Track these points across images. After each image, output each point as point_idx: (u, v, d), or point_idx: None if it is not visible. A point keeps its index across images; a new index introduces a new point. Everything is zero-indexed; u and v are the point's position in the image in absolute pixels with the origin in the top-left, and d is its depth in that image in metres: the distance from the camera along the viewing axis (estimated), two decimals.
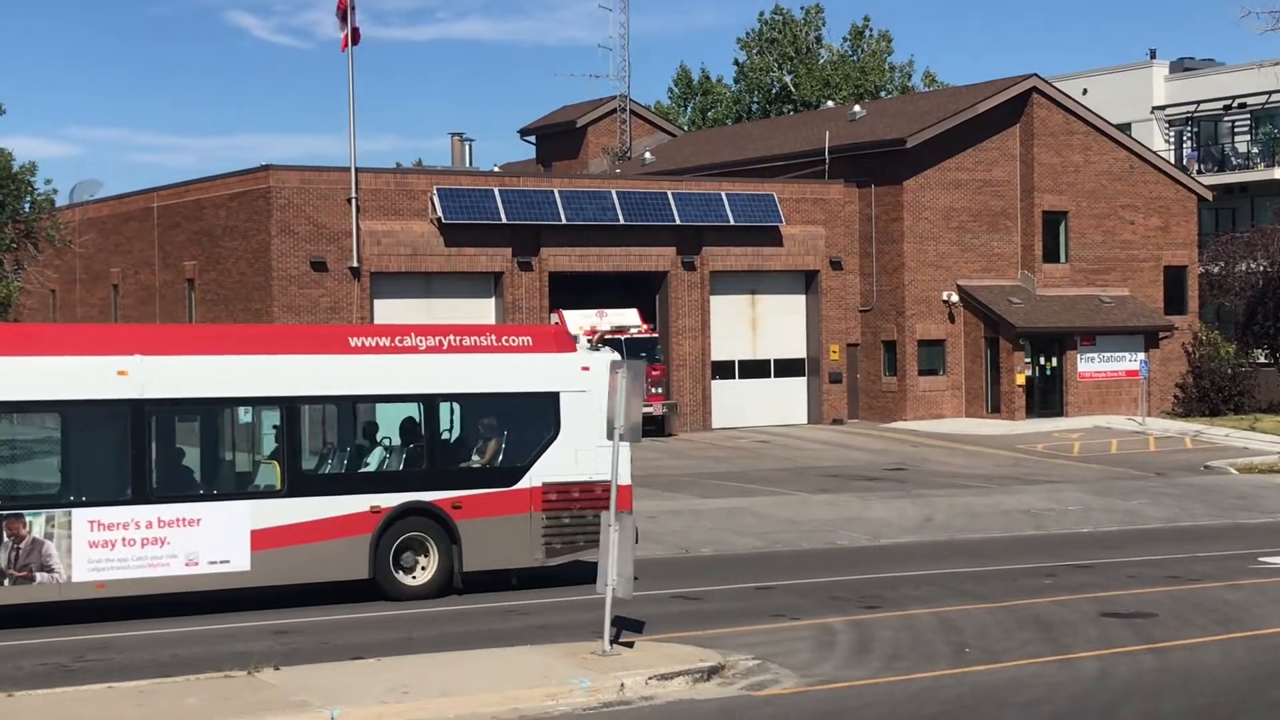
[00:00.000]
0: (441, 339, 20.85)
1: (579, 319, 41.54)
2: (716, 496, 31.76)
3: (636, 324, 42.49)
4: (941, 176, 47.33)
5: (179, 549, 19.07)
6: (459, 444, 21.17)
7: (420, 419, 20.69)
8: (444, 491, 20.37)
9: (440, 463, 20.64)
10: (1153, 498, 32.00)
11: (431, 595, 20.17)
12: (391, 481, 20.41)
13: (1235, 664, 16.48)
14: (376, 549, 19.99)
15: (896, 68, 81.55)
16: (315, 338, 21.26)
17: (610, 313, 42.48)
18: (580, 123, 61.98)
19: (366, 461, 20.60)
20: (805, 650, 17.13)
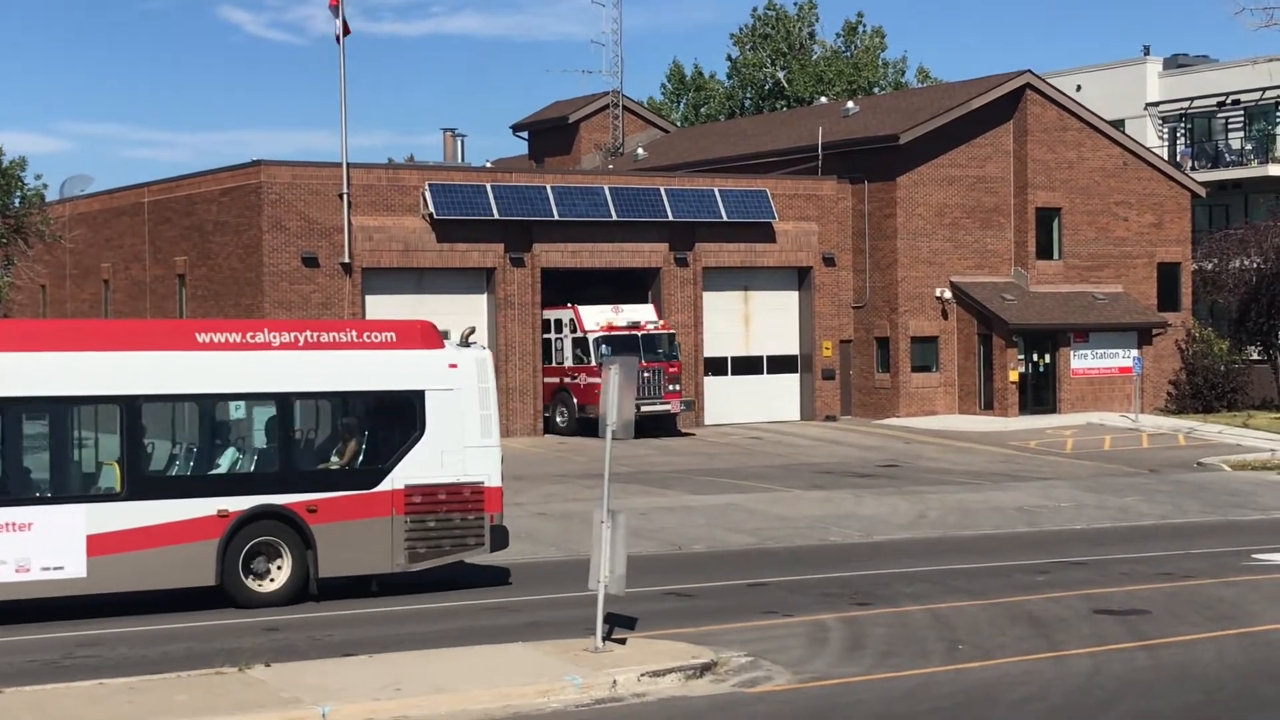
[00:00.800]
0: (297, 335, 20.11)
1: (594, 314, 41.40)
2: (709, 493, 31.76)
3: (653, 319, 42.06)
4: (935, 173, 47.34)
5: (8, 555, 18.27)
6: (315, 445, 20.52)
7: (274, 418, 19.91)
8: (299, 494, 19.63)
9: (295, 464, 19.93)
10: (1146, 494, 32.03)
11: (285, 602, 19.45)
12: (241, 484, 19.59)
13: (1228, 661, 16.49)
14: (224, 554, 19.21)
15: (890, 64, 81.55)
16: (160, 333, 20.31)
17: (625, 308, 42.20)
18: (573, 118, 61.91)
19: (216, 463, 19.80)
20: (798, 647, 17.13)
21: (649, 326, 41.42)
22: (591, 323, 41.29)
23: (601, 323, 41.09)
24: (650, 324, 41.59)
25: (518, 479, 33.81)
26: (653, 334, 41.30)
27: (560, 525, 27.15)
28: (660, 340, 41.47)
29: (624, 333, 40.78)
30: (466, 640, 17.23)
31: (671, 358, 41.68)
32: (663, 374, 41.12)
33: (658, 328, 41.66)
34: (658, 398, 40.89)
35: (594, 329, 41.11)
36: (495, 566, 22.06)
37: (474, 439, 20.38)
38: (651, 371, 40.54)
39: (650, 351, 40.91)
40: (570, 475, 34.45)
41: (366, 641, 17.26)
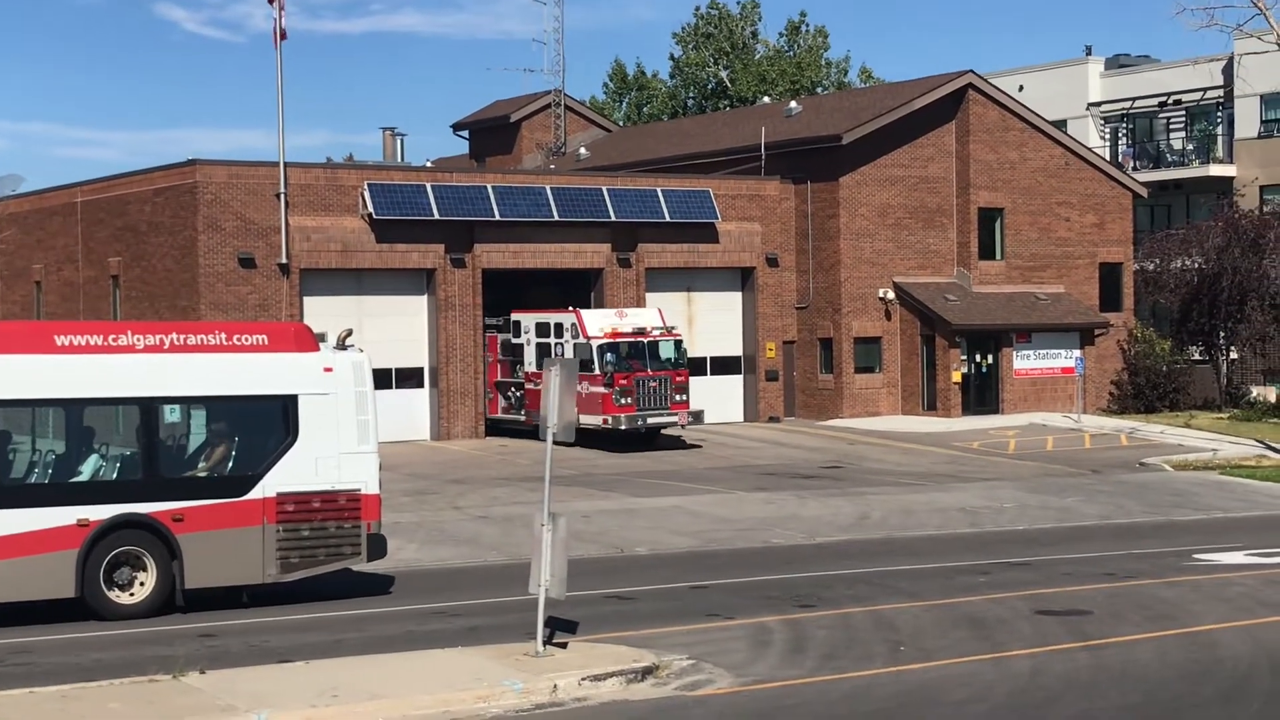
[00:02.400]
0: (163, 337, 19.58)
1: (597, 319, 39.83)
2: (651, 495, 31.79)
3: (658, 324, 40.22)
4: (878, 173, 47.58)
5: None
6: (182, 451, 20.08)
7: (137, 424, 19.42)
8: (164, 503, 19.18)
9: (160, 472, 19.48)
10: (1088, 495, 32.30)
11: (149, 614, 18.98)
12: (103, 492, 19.07)
13: (1169, 661, 16.66)
14: (84, 565, 18.73)
15: (833, 64, 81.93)
16: (18, 335, 19.62)
17: (630, 312, 40.86)
18: (514, 118, 61.81)
19: (77, 471, 19.27)
20: (740, 650, 17.18)
21: (655, 332, 39.75)
22: (595, 328, 39.42)
23: (606, 328, 39.39)
24: (656, 330, 39.89)
25: (459, 482, 33.76)
26: (659, 340, 39.66)
27: (502, 528, 27.10)
28: (666, 347, 39.77)
29: (630, 339, 39.23)
30: (406, 645, 17.17)
31: (679, 365, 39.88)
32: (669, 383, 39.37)
33: (664, 334, 39.94)
34: (664, 408, 39.26)
35: (598, 335, 39.22)
36: (378, 575, 21.76)
37: (350, 445, 19.96)
38: (658, 380, 39.13)
39: (656, 359, 39.45)
40: (513, 478, 34.40)
41: (304, 647, 17.17)
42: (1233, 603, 20.04)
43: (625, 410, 38.55)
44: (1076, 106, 64.21)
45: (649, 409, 38.81)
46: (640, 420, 38.83)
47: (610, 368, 38.61)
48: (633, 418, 38.66)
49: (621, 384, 38.59)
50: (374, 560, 20.52)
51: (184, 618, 19.13)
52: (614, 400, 38.50)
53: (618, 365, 38.76)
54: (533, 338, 41.13)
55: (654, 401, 38.99)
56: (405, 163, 59.27)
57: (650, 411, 38.90)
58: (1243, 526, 28.46)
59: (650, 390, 38.86)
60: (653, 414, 38.97)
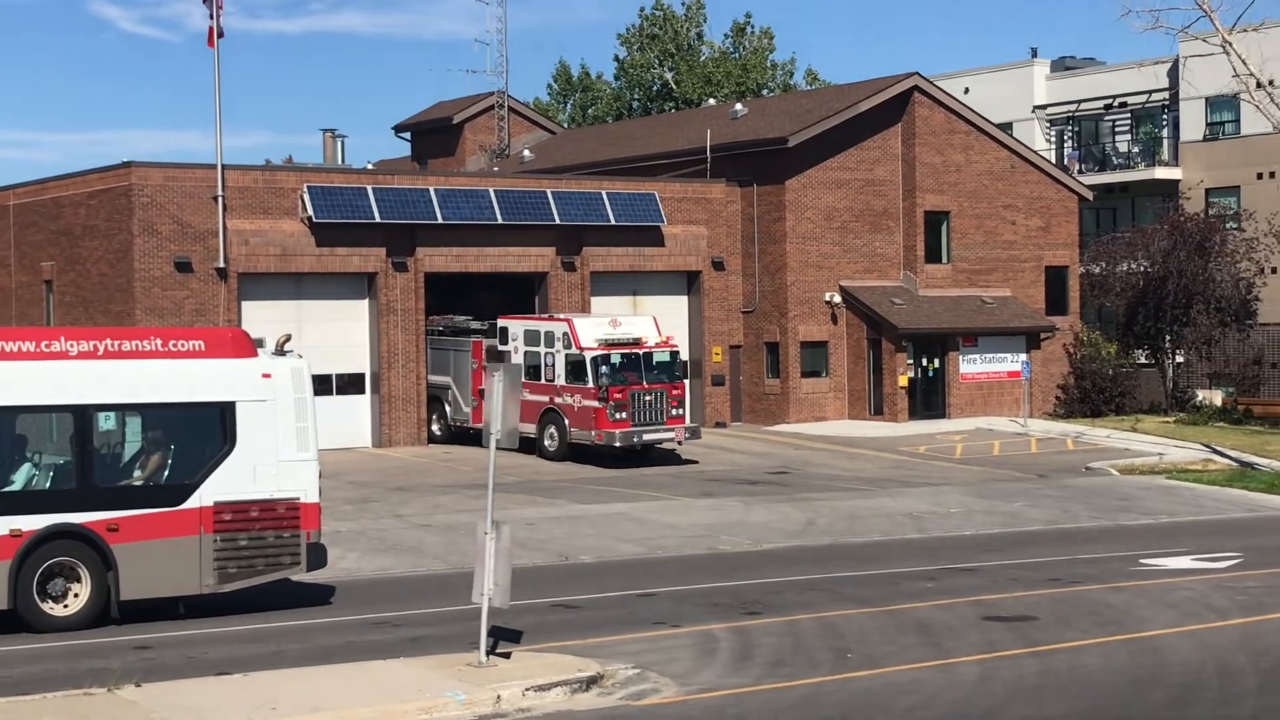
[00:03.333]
0: (97, 343, 19.34)
1: (590, 328, 38.11)
2: (597, 502, 31.78)
3: (654, 334, 38.46)
4: (824, 176, 47.77)
5: None
6: (117, 460, 19.89)
7: (71, 432, 19.24)
8: (98, 512, 19.01)
9: (94, 481, 19.26)
10: (1034, 500, 32.52)
11: (84, 626, 18.84)
12: (35, 502, 18.92)
13: (1116, 666, 16.79)
14: (17, 576, 18.55)
15: (778, 65, 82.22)
16: None
17: (625, 320, 39.17)
18: (457, 119, 61.67)
19: (9, 480, 19.05)
20: (686, 658, 17.19)
21: (650, 343, 38.13)
22: (589, 338, 37.70)
23: (600, 338, 37.69)
24: (652, 340, 38.26)
25: (401, 490, 33.64)
26: (655, 352, 38.01)
27: (445, 537, 27.02)
28: (663, 359, 38.18)
29: (626, 350, 37.58)
30: (347, 657, 17.09)
31: (675, 378, 38.46)
32: (665, 397, 37.75)
33: (660, 344, 38.31)
34: (659, 423, 37.66)
35: (592, 346, 37.51)
36: (319, 585, 21.65)
37: (289, 453, 19.86)
38: (653, 394, 37.51)
39: (651, 371, 37.85)
40: (456, 485, 34.31)
41: (243, 659, 17.06)
42: (1179, 608, 20.23)
43: (620, 426, 37.06)
44: (1022, 109, 64.70)
45: (644, 424, 37.38)
46: (636, 437, 37.38)
47: (605, 380, 37.12)
48: (628, 434, 37.18)
49: (616, 398, 37.05)
50: (314, 570, 20.41)
51: (119, 629, 18.97)
52: (608, 415, 37.01)
53: (612, 378, 37.27)
54: (521, 345, 39.36)
55: (650, 416, 37.50)
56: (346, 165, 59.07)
57: (646, 427, 37.46)
58: (1189, 531, 28.72)
59: (646, 404, 37.39)
60: (649, 430, 37.53)
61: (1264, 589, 21.68)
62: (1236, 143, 57.96)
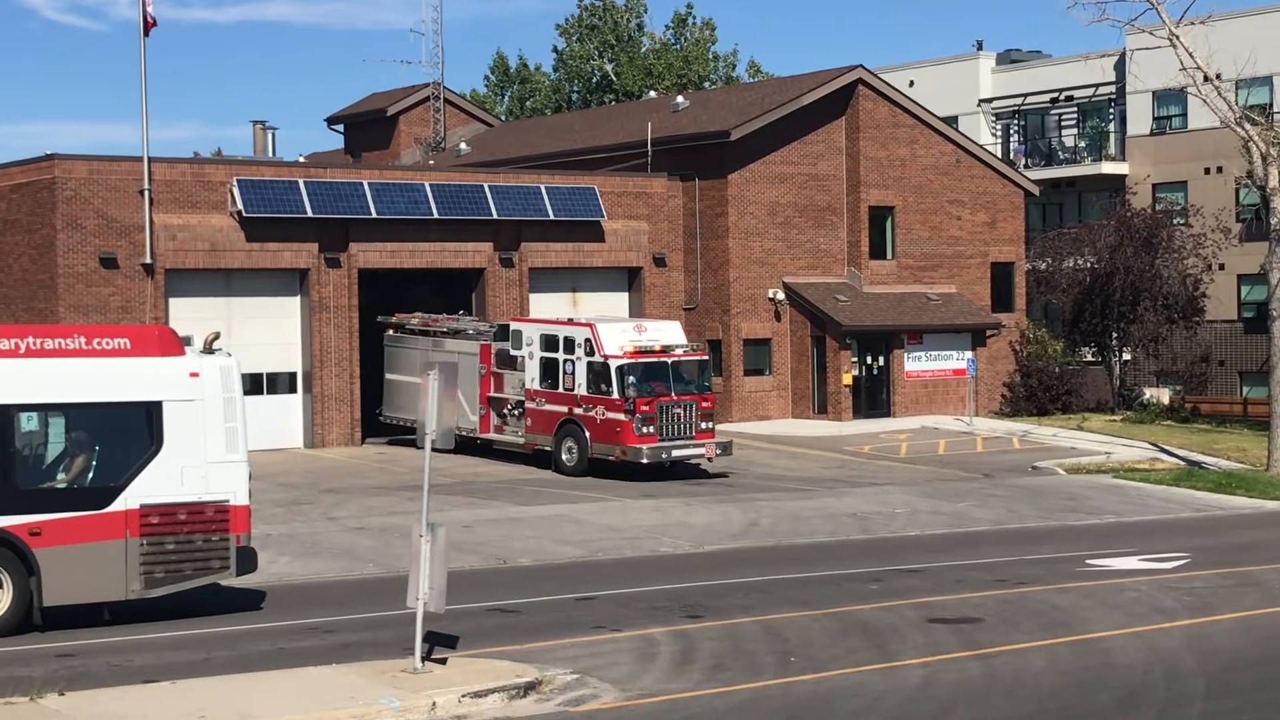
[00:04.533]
0: (18, 341, 19.09)
1: (615, 334, 36.00)
2: (536, 504, 31.75)
3: (681, 341, 36.72)
4: (767, 170, 47.90)
5: None
6: (39, 461, 19.69)
7: None
8: (20, 516, 18.76)
9: (15, 483, 19.00)
10: (980, 499, 32.74)
11: (5, 634, 18.56)
12: None
13: (1061, 669, 16.93)
14: None
15: (720, 57, 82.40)
16: None
17: (649, 326, 37.05)
18: (391, 111, 61.45)
19: None
20: (626, 663, 17.21)
21: (679, 351, 36.24)
22: (613, 345, 35.60)
23: (625, 345, 35.59)
24: (680, 348, 36.34)
25: (334, 492, 33.50)
26: (683, 361, 36.16)
27: (379, 540, 26.92)
28: (692, 368, 36.25)
29: (654, 359, 35.60)
30: (278, 663, 17.00)
31: (704, 389, 36.46)
32: (695, 409, 35.75)
33: (688, 353, 36.43)
34: (689, 438, 35.63)
35: (616, 354, 35.44)
36: (249, 589, 21.54)
37: (218, 454, 19.73)
38: (682, 406, 35.55)
39: (680, 381, 35.95)
40: (390, 487, 34.19)
41: (171, 666, 16.94)
42: (1126, 609, 20.42)
43: (647, 440, 35.04)
44: (968, 102, 65.14)
45: (673, 439, 35.37)
46: (665, 453, 35.35)
47: (633, 391, 35.17)
48: (656, 449, 35.11)
49: (644, 410, 35.09)
50: (244, 574, 20.30)
51: (42, 637, 18.79)
52: (635, 429, 34.98)
53: (639, 388, 35.29)
54: (537, 351, 37.21)
55: (678, 430, 35.48)
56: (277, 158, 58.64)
57: (674, 442, 35.42)
58: (1136, 531, 29.02)
59: (674, 417, 35.43)
60: (677, 445, 35.49)
61: (1211, 590, 21.93)
62: (1184, 137, 58.56)
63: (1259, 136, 37.50)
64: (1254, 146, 37.55)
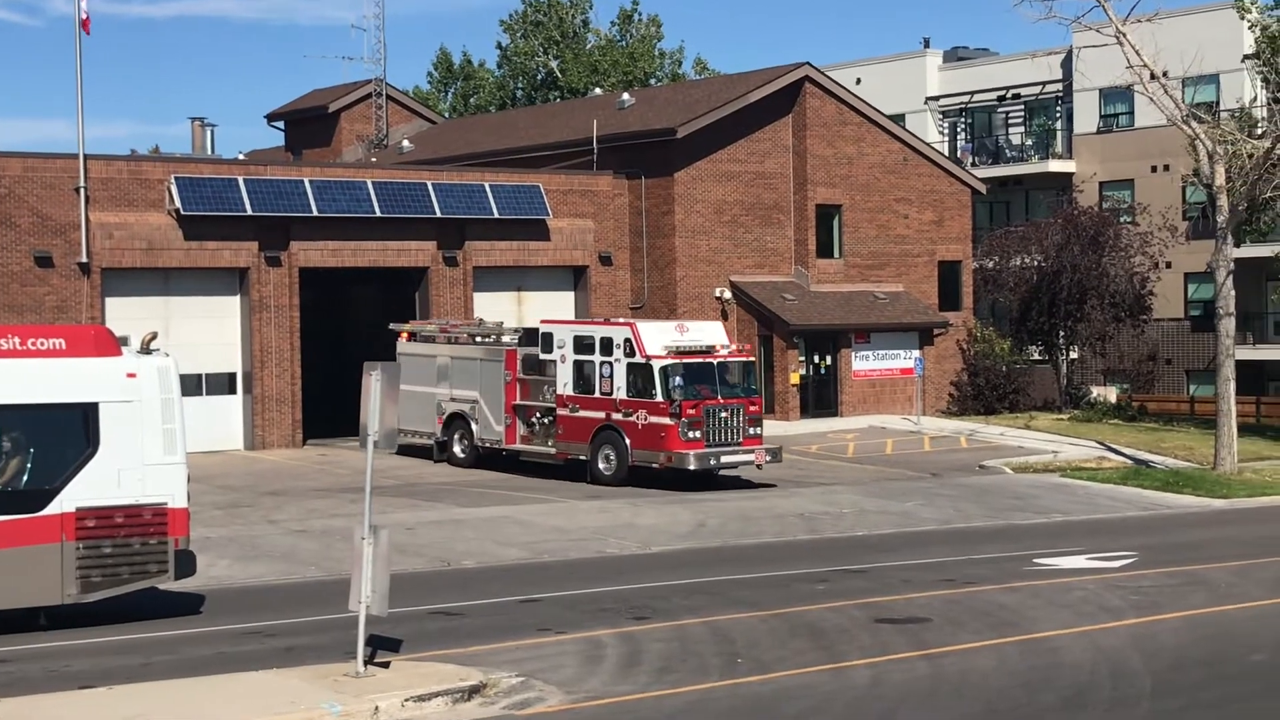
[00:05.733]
0: None
1: (655, 334, 34.48)
2: (480, 505, 31.70)
3: (724, 341, 35.21)
4: (713, 168, 47.98)
5: None
6: None
7: None
8: None
9: None
10: (928, 499, 32.91)
11: None
12: None
13: (1009, 669, 17.06)
14: None
15: (667, 54, 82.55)
16: None
17: (691, 326, 35.58)
18: (333, 108, 61.22)
19: None
20: (572, 665, 17.22)
21: (723, 351, 34.65)
22: (656, 345, 34.00)
23: (669, 345, 34.09)
24: (724, 348, 34.81)
25: (275, 494, 33.35)
26: (729, 362, 34.57)
27: (320, 542, 26.81)
28: (737, 370, 34.69)
29: (698, 359, 34.05)
30: (218, 668, 16.92)
31: (751, 392, 34.90)
32: (742, 414, 34.19)
33: (732, 353, 34.94)
34: (736, 444, 34.09)
35: (659, 354, 33.88)
36: (188, 594, 21.41)
37: (156, 456, 19.57)
38: (729, 410, 33.98)
39: (725, 384, 34.36)
40: (333, 489, 34.07)
41: (108, 672, 16.83)
42: (1073, 608, 20.59)
43: (694, 446, 33.38)
44: (915, 100, 65.48)
45: (720, 444, 33.79)
46: (713, 458, 33.77)
47: (679, 394, 33.60)
48: (703, 455, 33.51)
49: (690, 414, 33.49)
50: (182, 578, 20.17)
51: None
52: (680, 433, 33.38)
53: (685, 391, 33.72)
54: (569, 354, 35.45)
55: (726, 435, 33.95)
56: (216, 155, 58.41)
57: (723, 448, 33.82)
58: (1083, 530, 29.25)
59: (721, 421, 33.84)
60: (726, 450, 33.90)
61: (1158, 589, 22.14)
62: (1130, 135, 59.08)
63: (1205, 134, 37.87)
64: (1200, 144, 37.90)
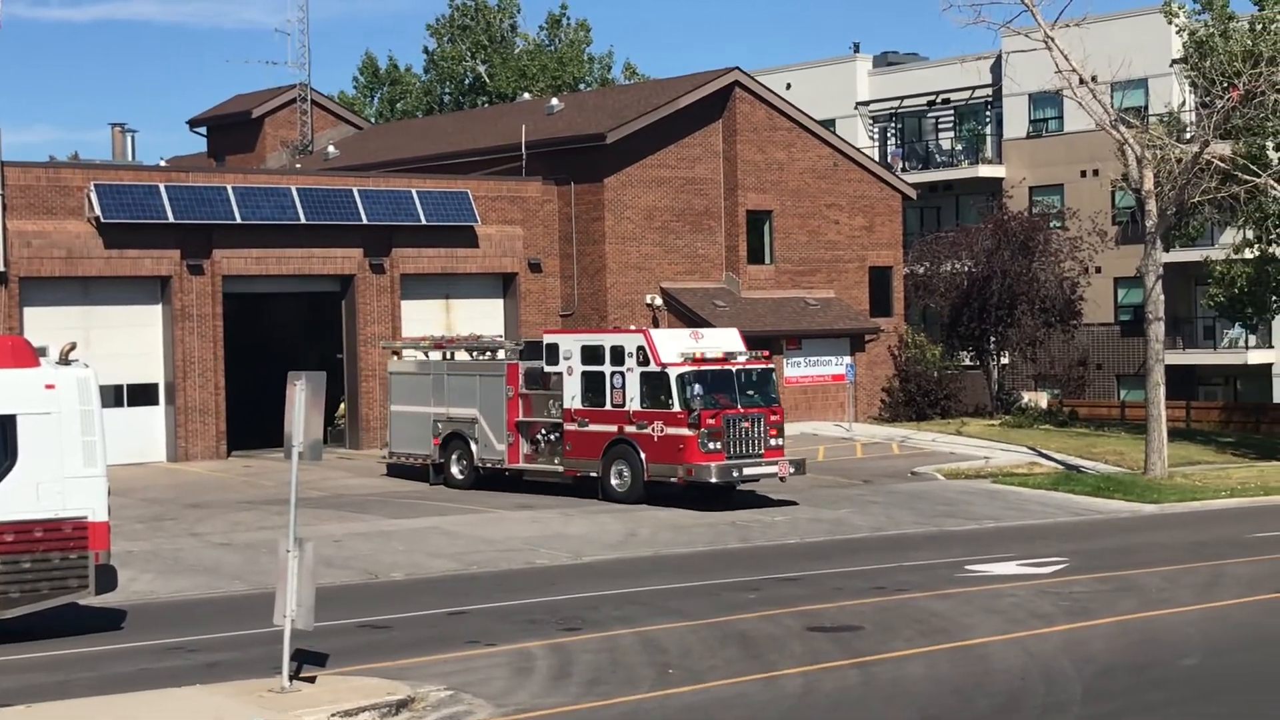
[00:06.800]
0: None
1: (671, 342, 33.09)
2: (408, 516, 31.57)
3: (741, 348, 33.53)
4: (643, 174, 48.05)
5: None
6: None
7: None
8: None
9: None
10: (860, 506, 33.07)
11: None
12: None
13: (940, 676, 17.16)
14: None
15: (596, 59, 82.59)
16: None
17: (706, 333, 34.52)
18: (256, 113, 60.84)
19: None
20: (501, 678, 17.18)
21: (742, 359, 33.04)
22: (671, 353, 32.51)
23: (685, 353, 32.53)
24: (742, 355, 33.19)
25: (199, 507, 33.07)
26: (749, 369, 32.96)
27: (245, 556, 26.62)
28: (757, 378, 33.12)
29: (717, 367, 32.46)
30: (140, 685, 16.76)
31: (772, 401, 33.23)
32: (764, 424, 32.61)
33: (752, 360, 33.27)
34: (758, 455, 32.42)
35: (676, 361, 32.33)
36: (109, 609, 21.21)
37: (76, 468, 19.36)
38: (750, 420, 32.41)
39: (744, 393, 32.75)
40: (257, 501, 33.82)
41: (27, 690, 16.63)
42: (1005, 614, 20.74)
43: (714, 458, 31.80)
44: (845, 105, 65.84)
45: (741, 456, 32.18)
46: (735, 471, 32.18)
47: (698, 403, 32.03)
48: (725, 468, 31.89)
49: (710, 424, 31.92)
50: (104, 593, 19.98)
51: None
52: (700, 445, 31.81)
53: (705, 400, 32.16)
54: (576, 365, 33.80)
55: (747, 447, 32.32)
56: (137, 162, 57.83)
57: (744, 460, 32.21)
58: (1015, 536, 29.49)
59: (743, 432, 32.27)
60: (748, 463, 32.27)
61: (1089, 594, 22.34)
62: (1059, 140, 59.65)
63: (1134, 139, 38.28)
64: (1129, 149, 38.32)
